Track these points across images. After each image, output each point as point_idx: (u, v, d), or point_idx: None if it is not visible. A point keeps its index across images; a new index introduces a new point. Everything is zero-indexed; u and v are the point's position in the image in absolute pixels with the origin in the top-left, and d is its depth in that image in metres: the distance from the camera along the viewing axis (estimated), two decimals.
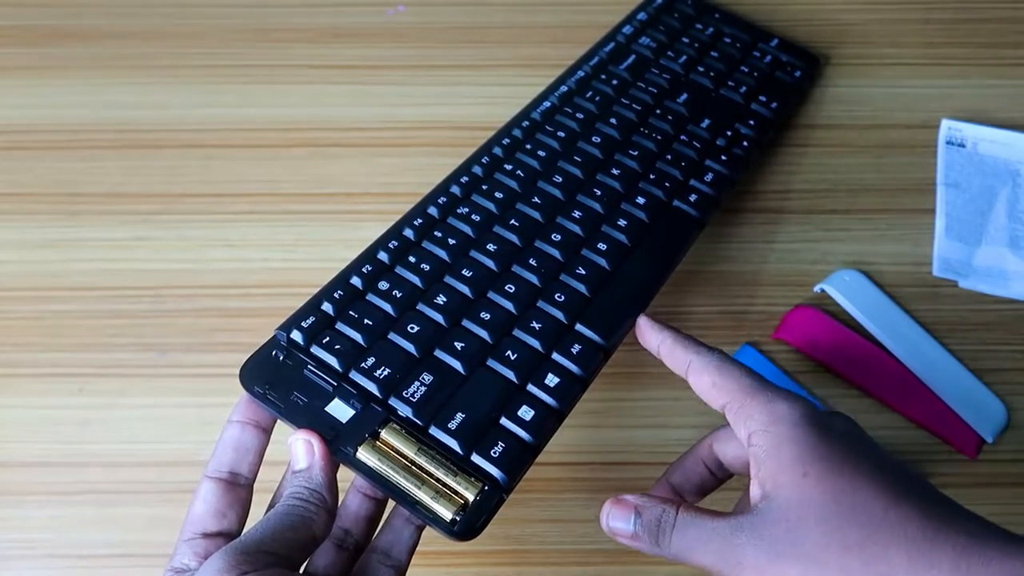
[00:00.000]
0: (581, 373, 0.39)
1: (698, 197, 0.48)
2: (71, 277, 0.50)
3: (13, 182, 0.53)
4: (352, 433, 0.36)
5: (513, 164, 0.48)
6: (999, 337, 0.48)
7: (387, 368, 0.38)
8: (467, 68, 0.58)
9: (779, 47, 0.57)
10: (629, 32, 0.57)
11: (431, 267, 0.42)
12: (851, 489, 0.29)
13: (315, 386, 0.37)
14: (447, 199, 0.46)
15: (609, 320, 0.41)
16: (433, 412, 0.37)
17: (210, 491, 0.34)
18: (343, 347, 0.38)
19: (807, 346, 0.47)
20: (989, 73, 0.58)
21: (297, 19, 0.60)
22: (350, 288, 0.41)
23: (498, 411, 0.37)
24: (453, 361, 0.39)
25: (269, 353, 0.39)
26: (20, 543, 0.43)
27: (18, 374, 0.47)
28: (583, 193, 0.47)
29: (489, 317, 0.40)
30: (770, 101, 0.53)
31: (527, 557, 0.43)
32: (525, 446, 0.37)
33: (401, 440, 0.36)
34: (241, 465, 0.35)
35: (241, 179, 0.54)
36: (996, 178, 0.53)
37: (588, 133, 0.50)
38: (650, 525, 0.32)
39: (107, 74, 0.58)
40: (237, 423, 0.36)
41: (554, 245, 0.44)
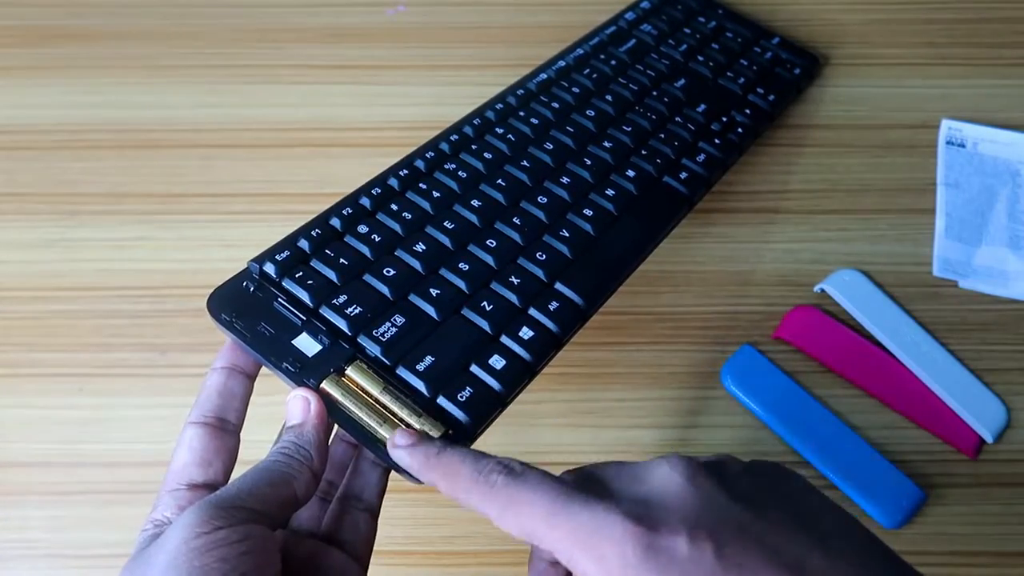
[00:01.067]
0: (557, 330, 0.39)
1: (688, 175, 0.48)
2: (71, 277, 0.50)
3: (13, 182, 0.53)
4: (317, 367, 0.35)
5: (505, 128, 0.48)
6: (999, 337, 0.48)
7: (359, 307, 0.37)
8: (467, 68, 0.58)
9: (780, 45, 0.57)
10: (631, 18, 0.57)
11: (413, 216, 0.42)
12: None
13: (284, 319, 0.37)
14: (435, 154, 0.45)
15: (589, 283, 0.41)
16: (402, 353, 0.36)
17: (195, 437, 0.32)
18: (316, 283, 0.38)
19: (807, 346, 0.47)
20: (989, 73, 0.58)
21: (297, 19, 0.60)
22: (328, 228, 0.41)
23: (469, 358, 0.37)
24: (427, 307, 0.38)
25: (240, 283, 0.38)
26: (20, 543, 0.43)
27: (18, 374, 0.47)
28: (573, 162, 0.47)
29: (468, 268, 0.40)
30: (767, 94, 0.54)
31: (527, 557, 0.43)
32: (493, 394, 0.36)
33: (367, 378, 0.35)
34: (227, 411, 0.33)
35: (241, 179, 0.54)
36: (996, 178, 0.53)
37: (583, 107, 0.50)
38: None
39: (107, 74, 0.58)
40: (221, 369, 0.35)
41: (539, 207, 0.44)
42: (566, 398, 0.46)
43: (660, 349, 0.48)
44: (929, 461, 0.45)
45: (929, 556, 0.42)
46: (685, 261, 0.51)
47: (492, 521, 0.28)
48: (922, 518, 0.43)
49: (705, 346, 0.48)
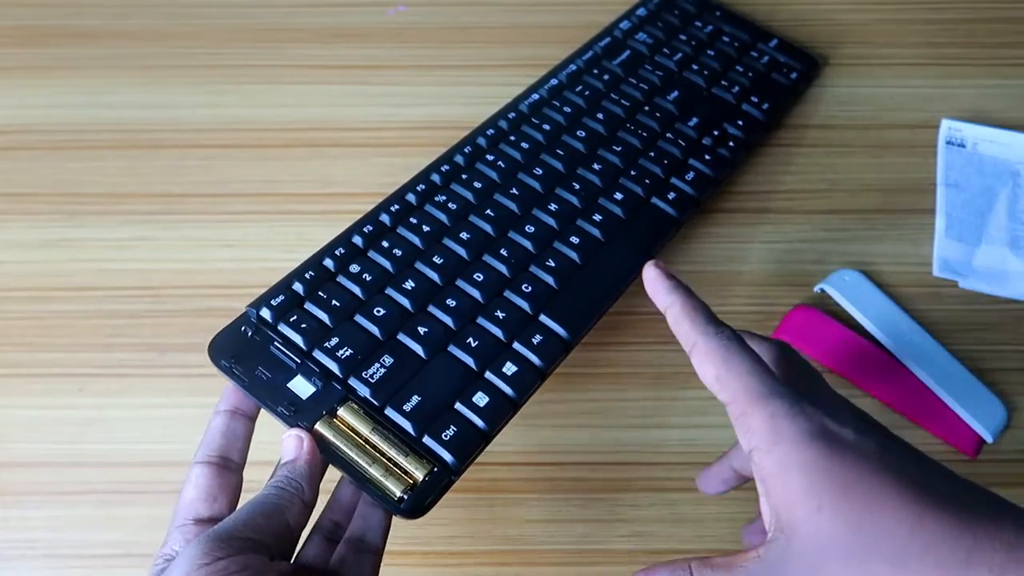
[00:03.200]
0: (540, 364, 0.40)
1: (677, 196, 0.48)
2: (71, 277, 0.50)
3: (13, 182, 0.53)
4: (311, 410, 0.37)
5: (495, 155, 0.48)
6: (999, 337, 0.48)
7: (350, 349, 0.39)
8: (467, 68, 0.58)
9: (778, 48, 0.57)
10: (626, 27, 0.57)
11: (403, 252, 0.43)
12: (871, 516, 0.26)
13: (279, 362, 0.39)
14: (426, 187, 0.46)
15: (574, 313, 0.42)
16: (390, 394, 0.38)
17: (201, 475, 0.34)
18: (309, 326, 0.39)
19: (807, 346, 0.47)
20: (989, 73, 0.58)
21: (297, 19, 0.60)
22: (322, 269, 0.42)
23: (454, 396, 0.38)
24: (415, 345, 0.40)
25: (238, 328, 0.40)
26: (20, 543, 0.43)
27: (18, 374, 0.47)
28: (562, 187, 0.47)
29: (455, 304, 0.41)
30: (762, 102, 0.53)
31: (527, 557, 0.43)
32: (477, 431, 0.37)
33: (357, 419, 0.37)
34: (231, 451, 0.36)
35: (241, 179, 0.54)
36: (996, 178, 0.53)
37: (574, 127, 0.50)
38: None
39: (107, 74, 0.58)
40: (224, 412, 0.37)
41: (527, 236, 0.44)
42: (566, 398, 0.47)
43: (660, 349, 0.48)
44: None
45: None
46: (685, 261, 0.51)
47: (694, 363, 0.32)
48: None
49: None
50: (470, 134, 0.50)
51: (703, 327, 0.32)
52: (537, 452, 0.45)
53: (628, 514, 0.44)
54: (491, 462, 0.45)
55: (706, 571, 0.30)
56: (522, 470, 0.45)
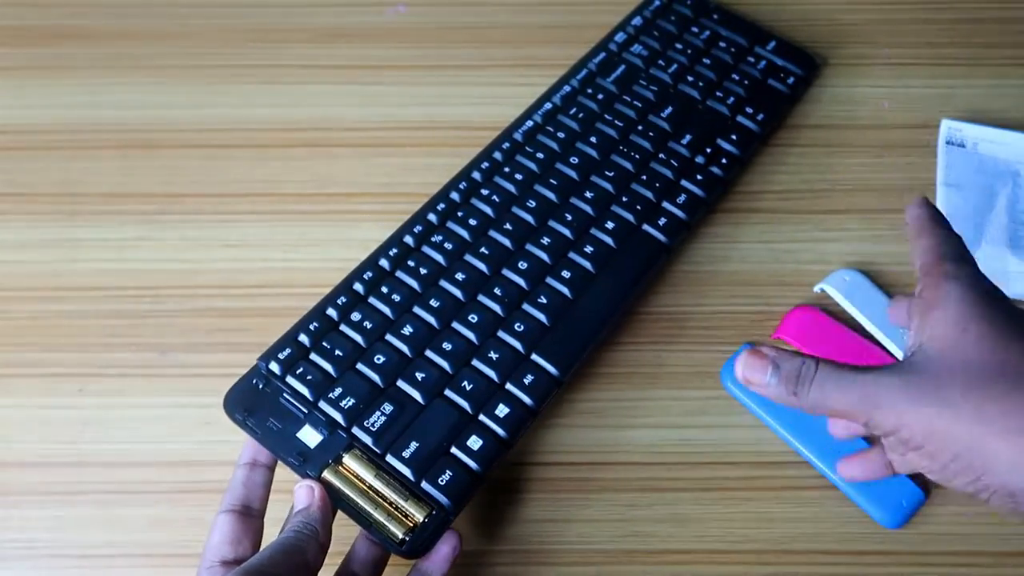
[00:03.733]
0: (532, 404, 0.42)
1: (668, 221, 0.48)
2: (71, 277, 0.50)
3: (13, 182, 0.53)
4: (318, 458, 0.40)
5: (490, 189, 0.49)
6: None
7: (352, 398, 0.41)
8: (467, 68, 0.58)
9: (776, 50, 0.57)
10: (621, 40, 0.56)
11: (402, 297, 0.45)
12: (1003, 349, 0.31)
13: (289, 413, 0.41)
14: (423, 227, 0.47)
15: (564, 351, 0.44)
16: (390, 441, 0.40)
17: (226, 522, 0.38)
18: (314, 378, 0.42)
19: (807, 346, 0.47)
20: (989, 73, 0.58)
21: (297, 19, 0.60)
22: (325, 319, 0.44)
23: (450, 440, 0.40)
24: (413, 391, 0.42)
25: (250, 381, 0.42)
26: (20, 543, 0.43)
27: (18, 374, 0.47)
28: (554, 218, 0.48)
29: (451, 348, 0.43)
30: (757, 112, 0.53)
31: (527, 557, 0.43)
32: (471, 474, 0.40)
33: (361, 465, 0.40)
34: (252, 499, 0.39)
35: (241, 179, 0.54)
36: (996, 178, 0.53)
37: (567, 153, 0.51)
38: (789, 376, 0.33)
39: (107, 74, 0.58)
40: (245, 465, 0.40)
41: (520, 273, 0.46)
42: (566, 398, 0.46)
43: (660, 349, 0.48)
44: None
45: (929, 556, 0.42)
46: (685, 261, 0.51)
47: None
48: (922, 518, 0.43)
49: (705, 346, 0.48)
50: (465, 167, 0.50)
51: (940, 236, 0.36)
52: (537, 452, 0.45)
53: (628, 514, 0.44)
54: None
55: (831, 368, 0.33)
56: (522, 470, 0.45)
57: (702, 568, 0.42)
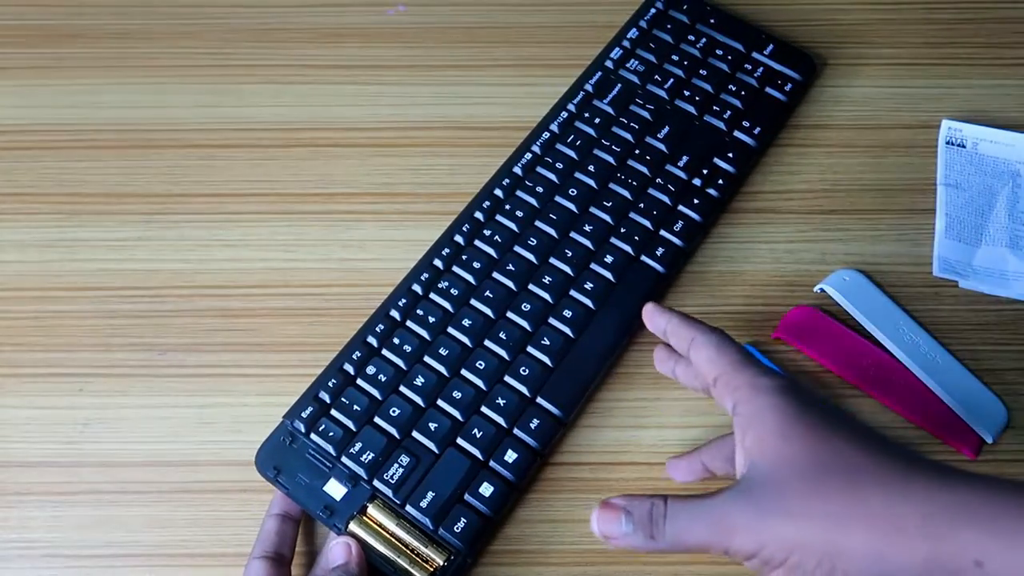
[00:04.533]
0: (538, 447, 0.44)
1: (665, 251, 0.49)
2: (71, 277, 0.50)
3: (13, 182, 0.53)
4: (343, 510, 0.42)
5: (492, 228, 0.50)
6: (999, 337, 0.48)
7: (372, 452, 0.43)
8: (467, 68, 0.58)
9: (774, 54, 0.56)
10: (617, 56, 0.56)
11: (413, 348, 0.46)
12: (828, 446, 0.32)
13: (315, 468, 0.44)
14: (430, 275, 0.48)
15: (567, 392, 0.45)
16: (408, 492, 0.42)
17: (260, 569, 0.40)
18: (335, 434, 0.44)
19: (807, 346, 0.47)
20: (989, 73, 0.58)
21: (297, 19, 0.60)
22: (342, 375, 0.46)
23: (463, 488, 0.42)
24: (428, 442, 0.44)
25: (279, 439, 0.44)
26: (20, 543, 0.43)
27: (18, 374, 0.47)
28: (555, 255, 0.49)
29: (460, 396, 0.44)
30: (754, 127, 0.53)
31: (527, 557, 0.43)
32: (485, 519, 0.42)
33: (384, 514, 0.42)
34: (283, 548, 0.41)
35: (241, 179, 0.54)
36: (996, 178, 0.53)
37: (566, 185, 0.51)
38: (642, 520, 0.34)
39: (107, 74, 0.58)
40: (276, 515, 0.42)
41: (524, 316, 0.47)
42: None
43: None
44: None
45: None
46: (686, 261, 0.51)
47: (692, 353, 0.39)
48: None
49: None
50: (468, 206, 0.51)
51: (699, 327, 0.39)
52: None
53: None
54: None
55: (680, 505, 0.33)
56: None
57: (702, 568, 0.42)
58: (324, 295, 0.48)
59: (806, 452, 0.32)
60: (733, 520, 0.32)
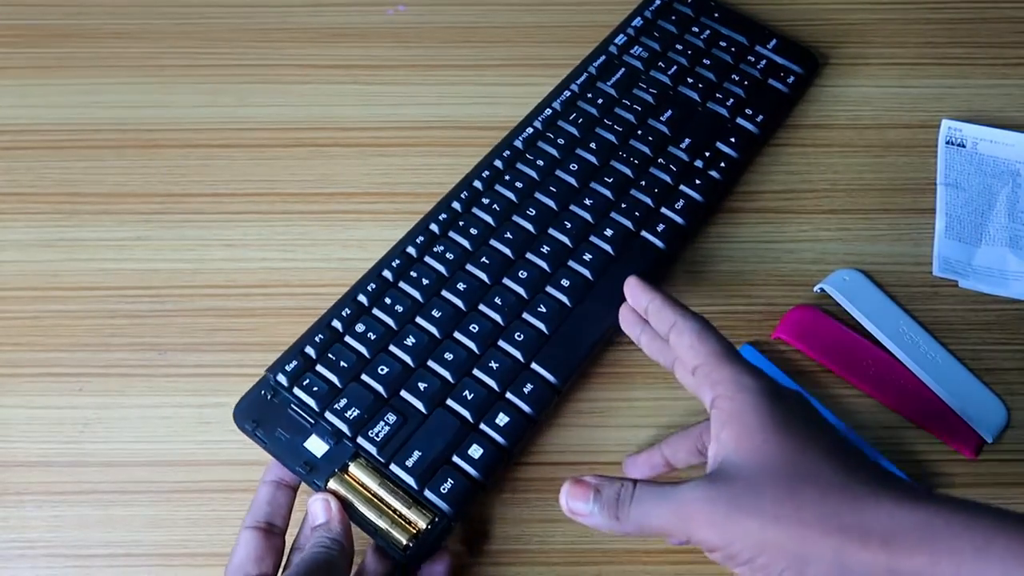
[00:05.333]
0: (532, 412, 0.42)
1: (666, 228, 0.48)
2: (71, 277, 0.50)
3: (13, 182, 0.53)
4: (325, 467, 0.41)
5: (491, 197, 0.49)
6: (999, 337, 0.48)
7: (357, 409, 0.42)
8: (467, 68, 0.58)
9: (777, 48, 0.57)
10: (621, 42, 0.56)
11: (404, 308, 0.45)
12: (806, 457, 0.32)
13: (296, 423, 0.42)
14: (425, 237, 0.48)
15: (563, 359, 0.44)
16: (394, 451, 0.41)
17: (251, 539, 0.38)
18: (320, 389, 0.42)
19: (807, 346, 0.47)
20: (989, 73, 0.58)
21: (297, 19, 0.60)
22: (331, 331, 0.45)
23: (451, 449, 0.41)
24: (416, 401, 0.42)
25: (259, 392, 0.43)
26: (20, 543, 0.43)
27: (18, 374, 0.47)
28: (554, 226, 0.48)
29: (452, 358, 0.43)
30: (756, 115, 0.53)
31: (527, 557, 0.43)
32: (472, 482, 0.41)
33: (366, 474, 0.41)
34: (275, 517, 0.40)
35: (241, 179, 0.54)
36: (996, 178, 0.53)
37: (567, 160, 0.51)
38: (609, 500, 0.34)
39: (107, 74, 0.58)
40: (270, 483, 0.41)
41: (520, 283, 0.46)
42: (566, 398, 0.46)
43: None
44: (929, 461, 0.45)
45: None
46: (685, 261, 0.51)
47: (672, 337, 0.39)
48: None
49: None
50: (467, 176, 0.51)
51: (682, 311, 0.39)
52: (537, 452, 0.45)
53: None
54: None
55: (647, 488, 0.34)
56: (522, 470, 0.45)
57: (703, 568, 0.42)
58: (324, 295, 0.48)
59: (785, 459, 0.32)
60: (700, 510, 0.32)
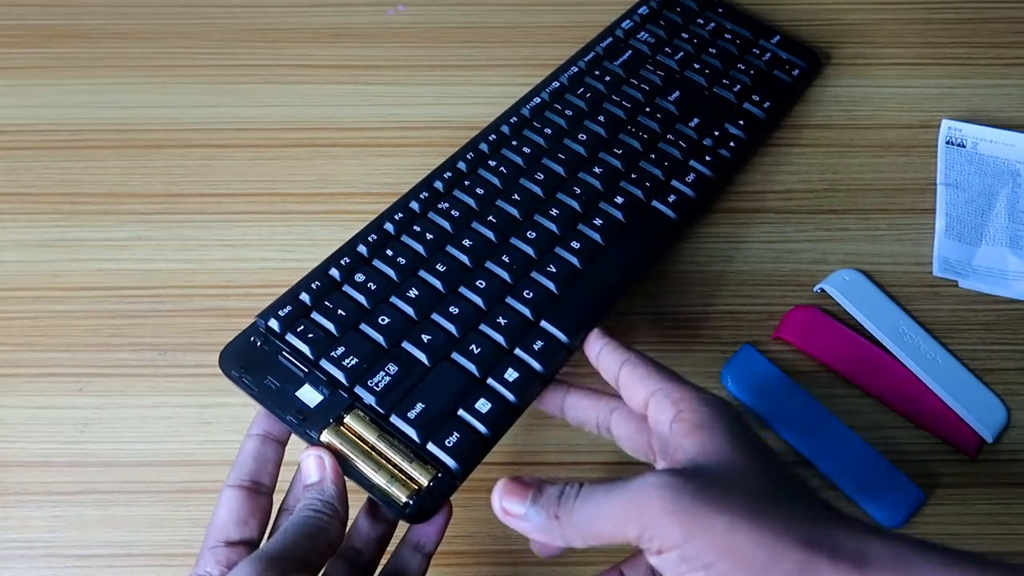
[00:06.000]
0: (542, 369, 0.40)
1: (677, 198, 0.48)
2: (70, 277, 0.50)
3: (13, 182, 0.53)
4: (319, 418, 0.38)
5: (497, 160, 0.48)
6: (999, 337, 0.48)
7: (355, 358, 0.39)
8: (467, 68, 0.58)
9: (780, 44, 0.57)
10: (628, 27, 0.57)
11: (407, 261, 0.43)
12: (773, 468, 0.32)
13: (288, 371, 0.39)
14: (429, 194, 0.47)
15: (574, 318, 0.42)
16: (395, 401, 0.38)
17: (233, 499, 0.35)
18: (315, 336, 0.40)
19: (807, 346, 0.47)
20: (989, 73, 0.58)
21: (297, 19, 0.60)
22: (328, 279, 0.43)
23: (457, 403, 0.39)
24: (419, 353, 0.40)
25: (247, 339, 0.41)
26: (20, 543, 0.43)
27: (18, 374, 0.47)
28: (563, 191, 0.47)
29: (457, 312, 0.42)
30: (763, 100, 0.53)
31: (527, 557, 0.43)
32: (480, 437, 0.38)
33: (363, 426, 0.37)
34: (262, 475, 0.36)
35: (241, 179, 0.54)
36: (996, 178, 0.53)
37: (575, 131, 0.50)
38: (550, 499, 0.31)
39: (107, 74, 0.58)
40: (256, 436, 0.37)
41: (528, 242, 0.45)
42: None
43: (660, 349, 0.48)
44: (929, 461, 0.45)
45: None
46: (685, 261, 0.51)
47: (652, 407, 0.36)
48: (922, 518, 0.43)
49: (705, 346, 0.48)
50: (472, 139, 0.50)
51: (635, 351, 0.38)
52: (537, 452, 0.45)
53: None
54: (491, 462, 0.45)
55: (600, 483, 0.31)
56: (522, 470, 0.45)
57: None
58: None
59: (755, 467, 0.31)
60: (661, 497, 0.29)
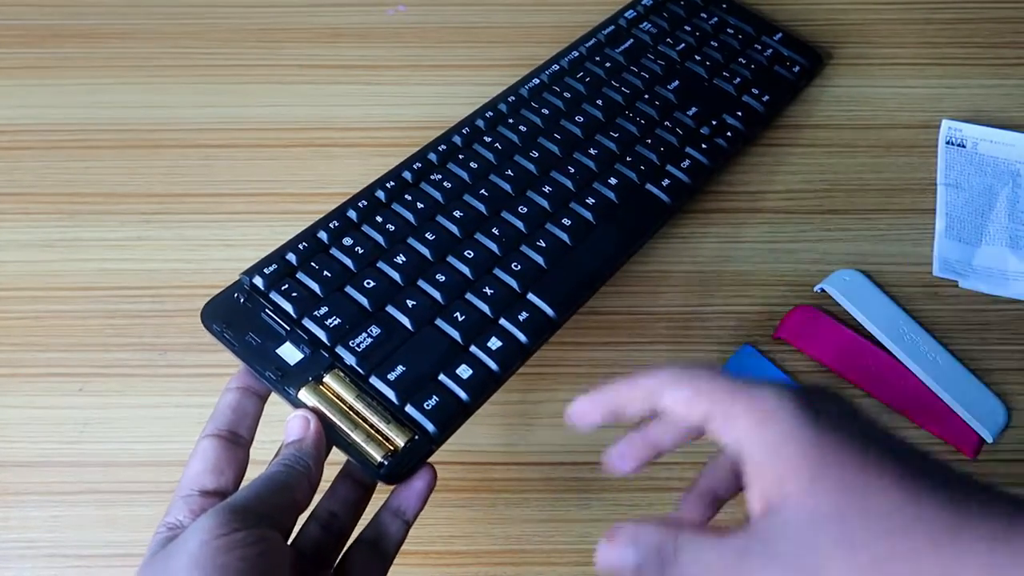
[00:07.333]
0: (525, 340, 0.40)
1: (671, 183, 0.48)
2: (71, 277, 0.50)
3: (13, 182, 0.53)
4: (298, 375, 0.38)
5: (493, 137, 0.49)
6: (999, 337, 0.48)
7: (338, 318, 0.39)
8: (467, 68, 0.58)
9: (782, 41, 0.57)
10: (631, 16, 0.57)
11: (396, 228, 0.43)
12: (862, 491, 0.26)
13: (269, 329, 0.39)
14: (422, 165, 0.47)
15: (561, 293, 0.42)
16: (376, 363, 0.38)
17: (209, 447, 0.35)
18: (299, 295, 0.40)
19: (807, 346, 0.47)
20: (989, 73, 0.58)
21: (297, 19, 0.60)
22: (315, 241, 0.43)
23: (438, 368, 0.39)
24: (403, 317, 0.40)
25: (231, 295, 0.41)
26: (20, 543, 0.43)
27: (18, 374, 0.47)
28: (557, 170, 0.47)
29: (444, 279, 0.42)
30: (762, 95, 0.54)
31: (527, 557, 0.43)
32: (459, 403, 0.38)
33: (342, 386, 0.38)
34: (240, 426, 0.36)
35: (241, 179, 0.54)
36: (996, 178, 0.53)
37: (572, 112, 0.50)
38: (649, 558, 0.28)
39: (107, 74, 0.58)
40: (236, 389, 0.37)
41: (520, 217, 0.45)
42: (566, 398, 0.46)
43: (660, 349, 0.48)
44: None
45: None
46: (685, 261, 0.51)
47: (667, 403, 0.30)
48: None
49: (705, 346, 0.48)
50: (469, 116, 0.50)
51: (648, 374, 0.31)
52: (537, 452, 0.45)
53: (628, 514, 0.44)
54: (491, 462, 0.45)
55: (694, 541, 0.28)
56: (522, 470, 0.45)
57: None
58: None
59: (837, 500, 0.26)
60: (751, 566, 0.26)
